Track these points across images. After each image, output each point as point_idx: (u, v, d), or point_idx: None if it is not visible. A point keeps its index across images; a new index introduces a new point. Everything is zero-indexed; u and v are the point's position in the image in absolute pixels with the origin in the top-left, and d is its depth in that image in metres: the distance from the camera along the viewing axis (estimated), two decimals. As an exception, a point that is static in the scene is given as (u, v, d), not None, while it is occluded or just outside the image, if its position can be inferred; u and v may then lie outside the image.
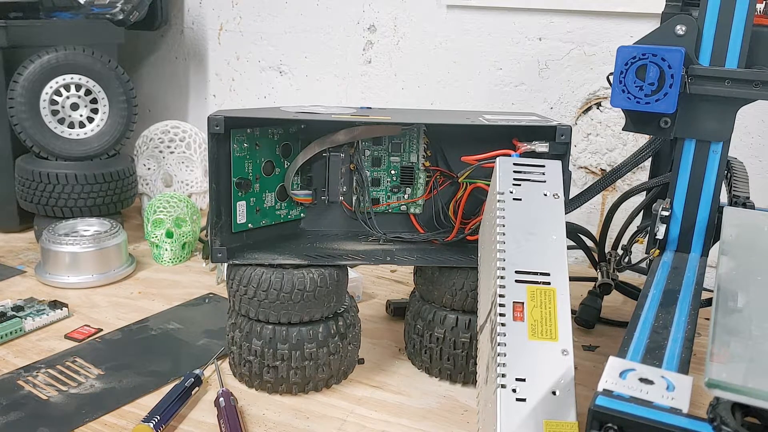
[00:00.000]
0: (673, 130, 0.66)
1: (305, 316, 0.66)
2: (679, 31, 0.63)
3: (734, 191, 0.69)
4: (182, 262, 1.02)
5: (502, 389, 0.46)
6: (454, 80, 1.14)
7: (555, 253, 0.52)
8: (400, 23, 1.16)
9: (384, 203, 0.78)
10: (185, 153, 1.18)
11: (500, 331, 0.49)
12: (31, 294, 0.88)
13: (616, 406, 0.40)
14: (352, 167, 0.76)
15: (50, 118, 1.04)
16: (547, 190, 0.56)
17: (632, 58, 0.64)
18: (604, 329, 0.84)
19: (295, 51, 1.26)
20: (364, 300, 0.90)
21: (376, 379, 0.72)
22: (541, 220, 0.54)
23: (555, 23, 1.05)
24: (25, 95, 1.01)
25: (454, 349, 0.69)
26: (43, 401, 0.65)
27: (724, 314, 0.46)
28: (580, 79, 1.06)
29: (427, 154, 0.76)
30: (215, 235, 0.68)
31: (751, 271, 0.53)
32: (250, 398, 0.67)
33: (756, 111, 0.94)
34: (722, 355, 0.41)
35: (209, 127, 0.65)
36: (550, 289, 0.51)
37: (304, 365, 0.67)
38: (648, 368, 0.44)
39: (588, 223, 1.07)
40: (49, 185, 1.02)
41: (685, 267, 0.66)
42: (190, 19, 1.35)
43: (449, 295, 0.69)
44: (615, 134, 1.06)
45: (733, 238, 0.58)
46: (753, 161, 0.97)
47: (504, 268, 0.51)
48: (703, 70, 0.64)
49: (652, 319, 0.55)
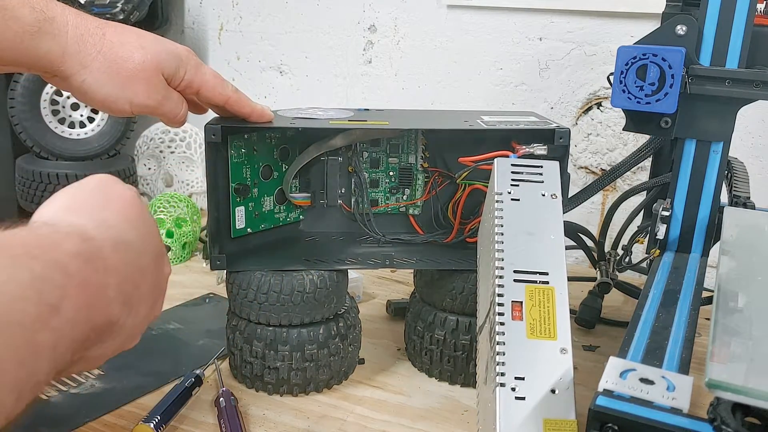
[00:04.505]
0: (673, 130, 0.66)
1: (306, 317, 0.66)
2: (680, 31, 0.63)
3: (735, 191, 0.69)
4: (182, 262, 1.02)
5: (501, 388, 0.46)
6: (454, 80, 1.14)
7: (553, 252, 0.53)
8: (401, 23, 1.16)
9: (383, 204, 0.78)
10: (185, 153, 1.18)
11: (499, 330, 0.49)
12: (31, 294, 0.88)
13: (617, 406, 0.40)
14: (350, 169, 0.76)
15: (51, 118, 1.04)
16: (545, 191, 0.56)
17: (633, 58, 0.64)
18: (605, 329, 0.84)
19: (295, 51, 1.26)
20: (364, 300, 0.90)
21: (377, 379, 0.72)
22: (539, 220, 0.54)
23: (555, 23, 1.05)
24: (26, 95, 1.01)
25: (455, 351, 0.69)
26: (43, 401, 0.65)
27: (725, 314, 0.45)
28: (580, 79, 1.06)
29: (425, 155, 0.76)
30: (214, 243, 0.68)
31: (751, 271, 0.53)
32: (251, 398, 0.67)
33: (756, 111, 0.94)
34: (723, 355, 0.41)
35: (206, 136, 0.64)
36: (549, 288, 0.51)
37: (305, 366, 0.67)
38: (648, 368, 0.44)
39: (588, 223, 1.07)
40: (50, 185, 1.02)
41: (686, 267, 0.66)
42: (191, 19, 1.35)
43: (449, 299, 0.69)
44: (615, 134, 1.05)
45: (734, 238, 0.58)
46: (753, 161, 0.97)
47: (502, 268, 0.52)
48: (704, 70, 0.63)
49: (652, 320, 0.55)
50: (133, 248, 0.42)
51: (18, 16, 0.55)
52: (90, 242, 0.38)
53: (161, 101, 0.62)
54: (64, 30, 0.57)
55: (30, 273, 0.33)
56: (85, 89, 0.60)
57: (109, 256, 0.39)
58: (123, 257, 0.40)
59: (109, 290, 0.38)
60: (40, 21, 0.56)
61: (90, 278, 0.36)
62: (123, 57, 0.59)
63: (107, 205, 0.43)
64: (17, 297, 0.32)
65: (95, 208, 0.43)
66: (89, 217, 0.41)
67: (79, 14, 0.59)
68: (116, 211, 0.43)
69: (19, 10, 0.55)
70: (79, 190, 0.44)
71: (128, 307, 0.40)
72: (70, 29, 0.58)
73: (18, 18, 0.55)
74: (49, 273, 0.34)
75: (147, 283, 0.43)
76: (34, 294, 0.32)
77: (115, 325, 0.39)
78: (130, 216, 0.44)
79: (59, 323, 0.34)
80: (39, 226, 0.38)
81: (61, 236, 0.37)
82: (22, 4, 0.56)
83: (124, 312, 0.40)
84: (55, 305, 0.33)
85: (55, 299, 0.33)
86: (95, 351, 0.40)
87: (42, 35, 0.56)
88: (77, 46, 0.58)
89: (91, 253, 0.37)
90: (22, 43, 0.56)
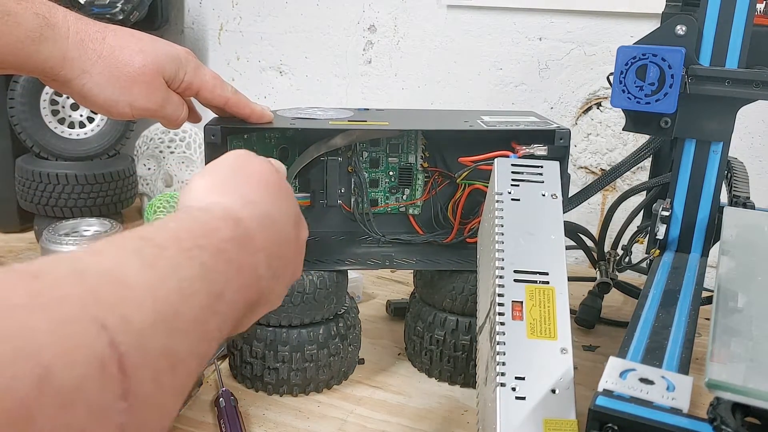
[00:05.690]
0: (673, 130, 0.66)
1: (305, 318, 0.66)
2: (680, 31, 0.63)
3: (734, 191, 0.69)
4: (182, 263, 1.02)
5: (502, 388, 0.46)
6: (454, 80, 1.14)
7: (554, 252, 0.53)
8: (401, 23, 1.16)
9: (383, 204, 0.78)
10: (185, 153, 1.18)
11: (499, 330, 0.49)
12: (31, 294, 0.88)
13: (617, 406, 0.40)
14: (350, 169, 0.76)
15: (50, 118, 1.04)
16: (545, 191, 0.56)
17: (632, 58, 0.64)
18: (605, 329, 0.84)
19: (295, 51, 1.26)
20: (364, 300, 0.90)
21: (377, 379, 0.72)
22: (539, 220, 0.54)
23: (555, 23, 1.05)
24: (26, 95, 1.01)
25: (455, 351, 0.69)
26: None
27: (725, 314, 0.45)
28: (580, 79, 1.06)
29: (425, 155, 0.76)
30: None
31: (751, 271, 0.53)
32: (251, 398, 0.67)
33: (756, 111, 0.94)
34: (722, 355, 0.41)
35: (206, 137, 0.64)
36: (549, 288, 0.51)
37: (305, 367, 0.67)
38: (648, 368, 0.44)
39: (588, 223, 1.07)
40: (50, 185, 1.02)
41: (686, 267, 0.66)
42: (190, 19, 1.35)
43: (449, 299, 0.69)
44: (615, 134, 1.05)
45: (734, 238, 0.58)
46: (753, 161, 0.97)
47: (503, 268, 0.52)
48: (704, 70, 0.63)
49: (652, 319, 0.55)
50: (277, 222, 0.43)
51: (21, 21, 0.55)
52: (241, 224, 0.39)
53: (162, 104, 0.62)
54: (65, 35, 0.57)
55: (200, 266, 0.33)
56: (85, 93, 0.60)
57: (256, 235, 0.40)
58: (269, 234, 0.41)
59: (260, 268, 0.39)
60: (42, 27, 0.56)
61: (244, 261, 0.38)
62: (123, 61, 0.60)
63: (248, 180, 0.44)
64: (193, 292, 0.32)
65: (238, 185, 0.43)
66: (235, 196, 0.42)
67: (80, 19, 0.59)
68: (257, 186, 0.44)
69: (23, 16, 0.55)
70: (220, 168, 0.45)
71: (275, 278, 0.42)
72: (71, 34, 0.58)
73: (20, 24, 0.55)
74: (215, 263, 0.35)
75: (290, 251, 0.45)
76: (205, 286, 0.33)
77: (264, 297, 0.41)
78: (271, 189, 0.44)
79: (223, 308, 0.35)
80: (196, 213, 0.38)
81: (218, 222, 0.38)
82: (26, 10, 0.56)
83: (272, 284, 0.42)
84: (221, 292, 0.34)
85: (220, 287, 0.35)
86: (246, 320, 0.42)
87: (43, 41, 0.56)
88: (78, 50, 0.58)
89: (244, 236, 0.39)
90: (23, 48, 0.56)
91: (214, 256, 0.35)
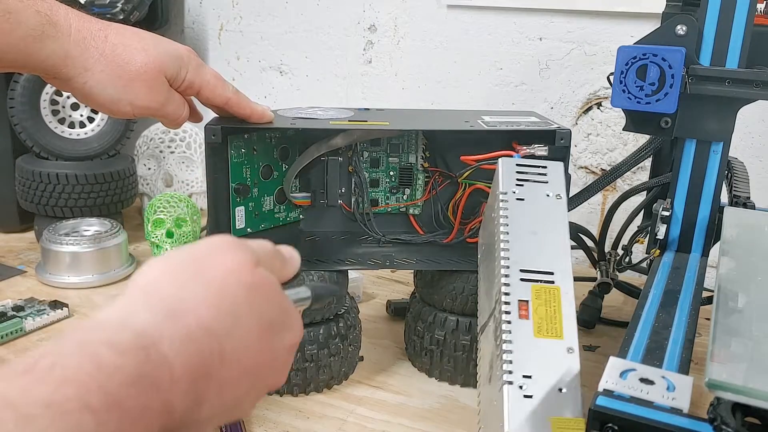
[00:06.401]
0: (673, 130, 0.66)
1: (305, 318, 0.66)
2: (680, 31, 0.63)
3: (735, 191, 0.69)
4: (182, 262, 1.02)
5: (509, 386, 0.46)
6: (454, 80, 1.14)
7: (559, 252, 0.53)
8: (401, 23, 1.16)
9: (383, 204, 0.78)
10: (185, 153, 1.18)
11: (506, 329, 0.49)
12: (31, 294, 0.88)
13: (617, 406, 0.40)
14: (350, 169, 0.76)
15: (51, 118, 1.04)
16: (549, 191, 0.56)
17: (633, 58, 0.64)
18: (605, 329, 0.84)
19: (295, 51, 1.26)
20: (364, 300, 0.90)
21: (377, 379, 0.72)
22: (544, 220, 0.54)
23: (555, 23, 1.05)
24: (26, 95, 1.01)
25: (455, 351, 0.69)
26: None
27: (725, 314, 0.46)
28: (580, 79, 1.06)
29: (426, 155, 0.76)
30: None
31: (751, 271, 0.53)
32: (251, 398, 0.67)
33: (756, 111, 0.94)
34: (723, 355, 0.41)
35: (206, 137, 0.64)
36: (555, 287, 0.51)
37: (305, 367, 0.67)
38: (648, 368, 0.44)
39: (588, 223, 1.07)
40: (50, 185, 1.02)
41: (686, 267, 0.66)
42: (191, 19, 1.35)
43: (450, 299, 0.69)
44: (615, 134, 1.05)
45: (734, 238, 0.58)
46: (754, 161, 0.97)
47: (508, 267, 0.52)
48: (704, 70, 0.63)
49: (652, 319, 0.55)
50: (226, 334, 0.36)
51: (22, 20, 0.55)
52: (153, 352, 0.32)
53: (163, 103, 0.62)
54: (67, 33, 0.57)
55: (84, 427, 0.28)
56: (87, 91, 0.59)
57: (175, 361, 0.33)
58: (201, 353, 0.34)
59: (175, 401, 0.32)
60: (44, 25, 0.56)
61: (149, 401, 0.31)
62: (125, 59, 0.59)
63: (201, 279, 0.37)
64: None
65: (182, 285, 0.36)
66: (161, 305, 0.35)
67: (82, 17, 0.59)
68: (207, 288, 0.36)
69: (24, 14, 0.55)
70: (180, 259, 0.38)
71: (209, 404, 0.35)
72: (73, 32, 0.58)
73: (22, 22, 0.55)
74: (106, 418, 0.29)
75: (254, 361, 0.37)
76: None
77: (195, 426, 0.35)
78: (233, 291, 0.37)
79: None
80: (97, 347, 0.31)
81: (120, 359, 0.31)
82: (27, 8, 0.55)
83: (206, 410, 0.35)
84: None
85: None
86: None
87: (45, 39, 0.56)
88: (79, 49, 0.58)
89: (154, 369, 0.32)
90: (25, 46, 0.55)
91: (106, 412, 0.28)
